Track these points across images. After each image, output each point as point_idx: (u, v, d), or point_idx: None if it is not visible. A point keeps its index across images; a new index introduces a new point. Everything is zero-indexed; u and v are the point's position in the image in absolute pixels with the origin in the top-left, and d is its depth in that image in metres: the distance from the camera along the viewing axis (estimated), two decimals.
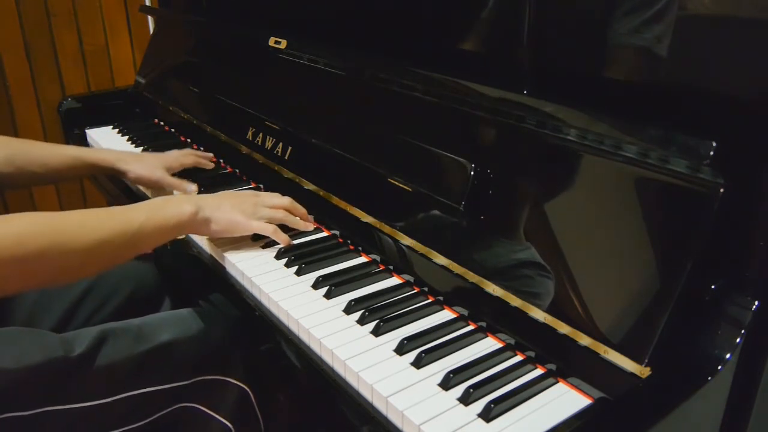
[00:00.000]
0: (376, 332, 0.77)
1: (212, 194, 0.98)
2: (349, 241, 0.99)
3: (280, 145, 1.17)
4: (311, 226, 1.02)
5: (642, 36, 0.73)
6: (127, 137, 1.54)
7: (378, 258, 0.95)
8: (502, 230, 0.80)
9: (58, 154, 1.14)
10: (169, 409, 0.91)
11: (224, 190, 1.20)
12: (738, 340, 0.63)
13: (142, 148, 1.46)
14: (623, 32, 0.75)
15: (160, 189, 1.21)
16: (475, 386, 0.67)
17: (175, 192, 1.19)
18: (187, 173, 1.25)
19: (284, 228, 0.98)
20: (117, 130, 1.60)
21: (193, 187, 1.19)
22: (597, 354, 0.66)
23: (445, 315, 0.82)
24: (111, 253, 0.81)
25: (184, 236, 1.05)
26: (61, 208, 2.33)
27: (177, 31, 1.75)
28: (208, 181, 1.23)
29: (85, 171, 1.20)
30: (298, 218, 1.01)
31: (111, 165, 1.20)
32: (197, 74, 1.55)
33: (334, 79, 1.12)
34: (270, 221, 0.97)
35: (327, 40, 1.19)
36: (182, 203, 0.90)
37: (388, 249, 0.92)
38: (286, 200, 1.01)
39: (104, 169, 1.21)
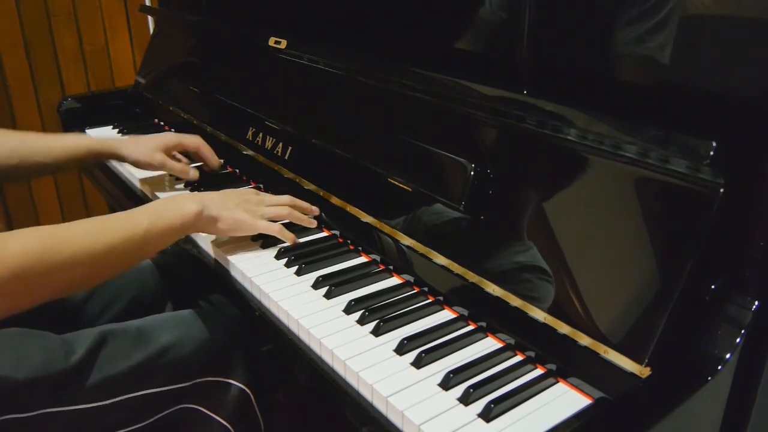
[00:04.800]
0: (376, 332, 0.77)
1: (215, 192, 0.98)
2: (349, 241, 0.99)
3: (280, 145, 1.17)
4: (315, 223, 1.02)
5: (642, 35, 0.73)
6: (127, 137, 1.54)
7: (378, 258, 0.95)
8: (503, 230, 0.79)
9: (60, 141, 1.15)
10: (169, 411, 0.91)
11: (224, 189, 1.20)
12: (738, 340, 0.63)
13: None
14: (623, 31, 0.75)
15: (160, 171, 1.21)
16: (475, 386, 0.67)
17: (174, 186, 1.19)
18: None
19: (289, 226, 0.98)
20: (117, 130, 1.60)
21: (195, 172, 1.20)
22: (597, 354, 0.66)
23: (445, 315, 0.82)
24: (118, 260, 0.81)
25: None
26: (61, 209, 2.33)
27: (177, 31, 1.75)
28: (207, 182, 1.23)
29: (86, 157, 1.18)
30: (302, 214, 1.01)
31: (111, 149, 1.20)
32: (197, 74, 1.55)
33: (334, 78, 1.12)
34: (274, 219, 0.96)
35: (327, 40, 1.19)
36: (186, 202, 0.89)
37: (388, 249, 0.92)
38: (287, 197, 1.01)
39: (105, 154, 1.21)
